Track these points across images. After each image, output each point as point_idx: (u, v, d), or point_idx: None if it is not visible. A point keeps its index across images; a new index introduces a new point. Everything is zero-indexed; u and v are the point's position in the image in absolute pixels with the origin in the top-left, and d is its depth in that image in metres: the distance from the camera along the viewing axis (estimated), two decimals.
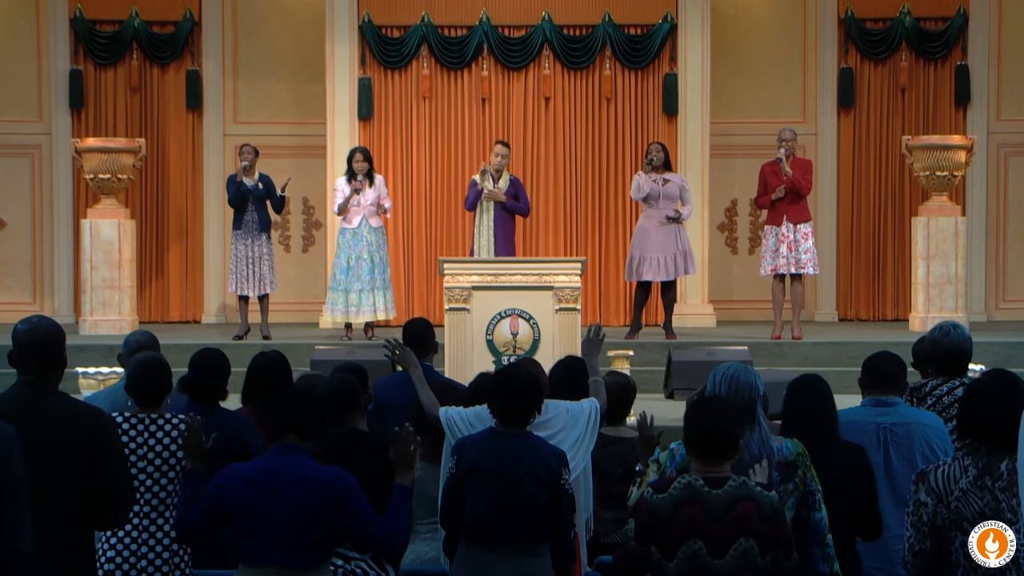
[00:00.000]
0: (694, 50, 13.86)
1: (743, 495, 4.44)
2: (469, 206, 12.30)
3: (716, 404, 4.70)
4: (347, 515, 4.68)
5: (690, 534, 4.41)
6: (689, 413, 4.65)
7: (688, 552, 4.40)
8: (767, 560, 4.42)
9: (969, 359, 6.22)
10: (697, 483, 4.46)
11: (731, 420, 4.58)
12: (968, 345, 6.16)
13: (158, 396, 5.53)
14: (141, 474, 5.36)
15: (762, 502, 4.45)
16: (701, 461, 4.53)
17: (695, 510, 4.42)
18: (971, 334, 6.32)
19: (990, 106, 14.45)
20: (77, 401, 4.84)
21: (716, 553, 4.40)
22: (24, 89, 14.36)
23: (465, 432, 5.63)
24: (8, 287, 14.39)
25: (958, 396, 5.96)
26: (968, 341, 6.17)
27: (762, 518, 4.43)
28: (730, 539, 4.40)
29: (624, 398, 6.68)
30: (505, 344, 9.79)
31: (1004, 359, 11.23)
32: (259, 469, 4.77)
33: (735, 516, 4.41)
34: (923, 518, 4.50)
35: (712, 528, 4.40)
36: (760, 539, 4.41)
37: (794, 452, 4.96)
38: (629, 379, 6.95)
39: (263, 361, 6.42)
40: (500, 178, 12.20)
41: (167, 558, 5.37)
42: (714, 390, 4.98)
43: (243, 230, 12.48)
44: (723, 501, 4.42)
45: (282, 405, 4.84)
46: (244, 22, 14.46)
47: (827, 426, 5.29)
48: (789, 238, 12.17)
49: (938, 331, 6.18)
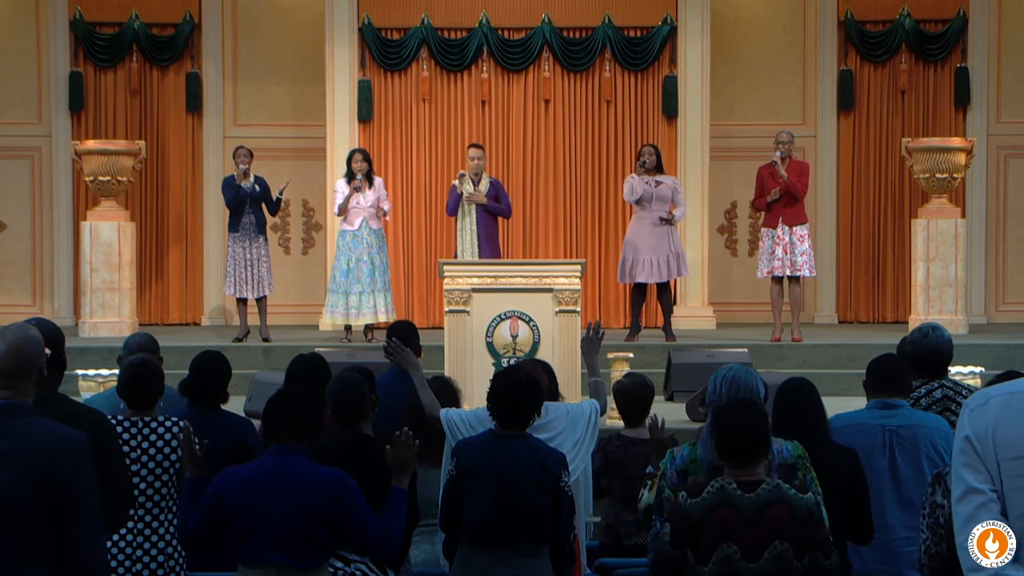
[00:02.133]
0: (694, 52, 13.86)
1: (776, 498, 4.41)
2: (450, 211, 12.28)
3: (745, 406, 4.65)
4: (346, 516, 4.68)
5: (724, 538, 4.38)
6: (718, 416, 4.62)
7: (722, 556, 4.38)
8: (804, 562, 4.39)
9: (949, 361, 6.17)
10: (730, 487, 4.43)
11: (760, 422, 4.54)
12: (948, 347, 6.12)
13: (149, 398, 5.54)
14: (135, 477, 5.36)
15: (796, 504, 4.42)
16: (732, 464, 4.50)
17: (728, 514, 4.39)
18: (952, 336, 6.27)
19: (990, 108, 14.45)
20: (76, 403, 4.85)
21: (750, 557, 4.37)
22: (24, 91, 14.36)
23: (465, 434, 5.63)
24: (8, 289, 14.39)
25: (936, 399, 5.92)
26: (948, 343, 6.13)
27: (795, 521, 4.39)
28: (764, 543, 4.37)
29: (642, 398, 6.66)
30: (505, 346, 9.79)
31: (1004, 361, 11.23)
32: (257, 470, 4.77)
33: (768, 520, 4.38)
34: (939, 520, 4.47)
35: (745, 532, 4.38)
36: (795, 542, 4.38)
37: (794, 454, 4.95)
38: (646, 379, 6.87)
39: (302, 363, 6.39)
40: (480, 181, 12.19)
41: (162, 561, 5.37)
42: (715, 392, 4.97)
43: (240, 232, 12.47)
44: (756, 505, 4.39)
45: (277, 406, 4.82)
46: (244, 24, 14.46)
47: (817, 429, 5.27)
48: (785, 240, 12.17)
49: (917, 333, 6.16)
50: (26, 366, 3.87)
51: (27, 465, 3.74)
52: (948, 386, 6.04)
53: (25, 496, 3.73)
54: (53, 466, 3.76)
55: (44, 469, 3.75)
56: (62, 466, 3.78)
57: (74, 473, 3.79)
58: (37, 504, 3.73)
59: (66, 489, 3.77)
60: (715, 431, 4.57)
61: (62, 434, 3.85)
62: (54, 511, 3.74)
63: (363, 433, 5.49)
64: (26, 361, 3.87)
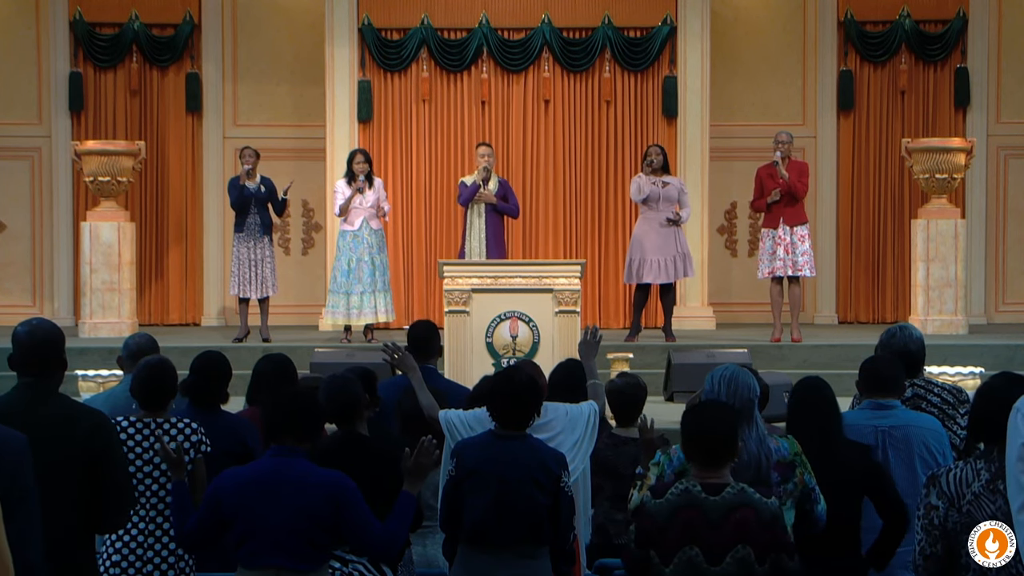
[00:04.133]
0: (694, 53, 13.86)
1: (741, 501, 4.41)
2: (463, 201, 12.23)
3: (714, 408, 4.65)
4: (346, 518, 4.67)
5: (687, 540, 4.39)
6: (686, 417, 4.62)
7: (684, 558, 4.38)
8: (765, 567, 4.40)
9: (921, 361, 6.14)
10: (695, 489, 4.43)
11: (729, 424, 4.54)
12: (917, 346, 6.10)
13: (163, 399, 5.53)
14: (147, 478, 5.36)
15: (760, 508, 4.42)
16: (699, 466, 4.50)
17: (692, 516, 4.40)
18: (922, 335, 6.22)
19: (989, 109, 14.45)
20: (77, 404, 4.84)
21: (713, 560, 4.37)
22: (24, 92, 14.36)
23: (465, 435, 5.62)
24: (8, 290, 14.39)
25: (906, 397, 5.92)
26: (917, 342, 6.11)
27: (760, 524, 4.40)
28: (727, 546, 4.37)
29: (634, 398, 6.69)
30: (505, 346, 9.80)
31: (1004, 361, 11.24)
32: (257, 472, 4.75)
33: (733, 523, 4.38)
34: (934, 521, 4.47)
35: (709, 534, 4.38)
36: (757, 546, 4.38)
37: (791, 452, 4.96)
38: (639, 379, 6.91)
39: (269, 363, 6.41)
40: (489, 180, 12.19)
41: (172, 562, 5.37)
42: (713, 391, 4.97)
43: (245, 233, 12.48)
44: (721, 507, 4.39)
45: (278, 407, 4.81)
46: (244, 25, 14.47)
47: (833, 427, 5.29)
48: (786, 240, 12.17)
49: (886, 334, 6.16)
50: None
51: None
52: (919, 384, 6.06)
53: None
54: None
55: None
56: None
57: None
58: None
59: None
60: (684, 432, 4.56)
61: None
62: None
63: (358, 433, 5.49)
64: None
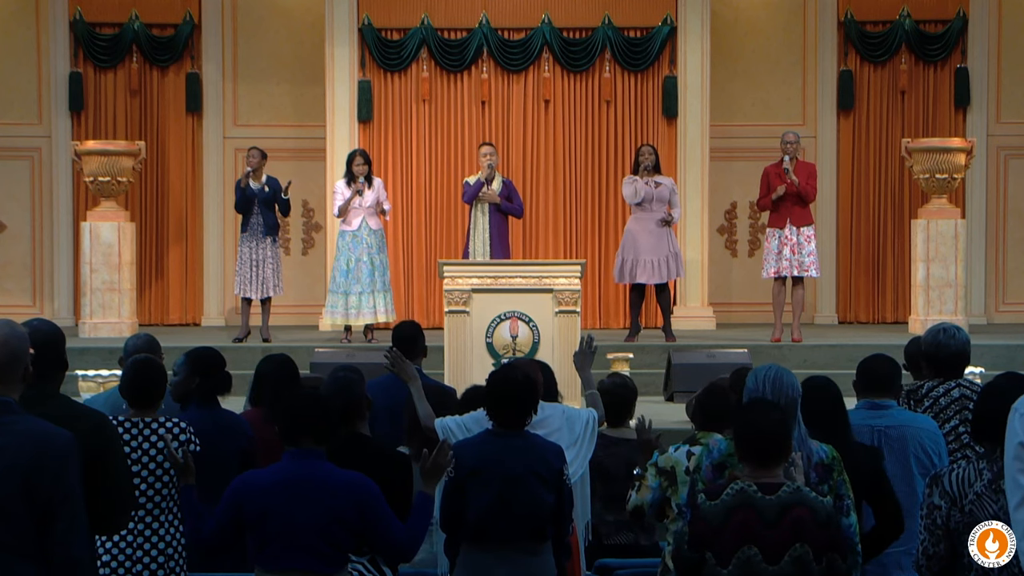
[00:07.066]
0: (694, 53, 13.86)
1: (796, 500, 4.39)
2: (467, 199, 12.22)
3: (765, 406, 4.60)
4: (370, 521, 4.66)
5: (744, 540, 4.36)
6: (738, 417, 4.59)
7: (743, 558, 4.36)
8: (822, 565, 4.38)
9: (968, 362, 6.29)
10: (750, 489, 4.41)
11: (782, 424, 4.50)
12: (969, 348, 6.25)
13: (152, 398, 5.52)
14: (136, 478, 5.36)
15: (816, 508, 4.40)
16: (752, 465, 4.47)
17: (748, 516, 4.37)
18: (970, 336, 6.41)
19: (990, 109, 14.45)
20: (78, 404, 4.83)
21: (771, 559, 4.35)
22: (24, 92, 14.36)
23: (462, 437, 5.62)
24: (8, 290, 14.39)
25: (955, 398, 6.03)
26: (968, 344, 6.25)
27: (817, 524, 4.38)
28: (784, 545, 4.35)
29: (623, 399, 6.68)
30: (505, 347, 9.80)
31: (1004, 362, 11.23)
32: (278, 475, 4.73)
33: (789, 522, 4.36)
34: (936, 521, 4.47)
35: (766, 534, 4.36)
36: (815, 545, 4.37)
37: (830, 456, 4.94)
38: (628, 380, 6.93)
39: (271, 364, 6.40)
40: (493, 179, 12.19)
41: (162, 562, 5.36)
42: (757, 390, 4.91)
43: (248, 233, 12.49)
44: (776, 507, 4.37)
45: (295, 410, 4.77)
46: (244, 25, 14.47)
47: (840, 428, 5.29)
48: (792, 240, 12.15)
49: (942, 334, 6.22)
50: (13, 361, 3.84)
51: (12, 462, 3.74)
52: (965, 385, 6.14)
53: (10, 493, 3.72)
54: (38, 463, 3.75)
55: (29, 466, 3.74)
56: (47, 464, 3.77)
57: (59, 471, 3.78)
58: (22, 501, 3.72)
59: (51, 487, 3.76)
60: (737, 432, 4.54)
61: (47, 432, 3.84)
62: (39, 509, 3.73)
63: (360, 433, 5.49)
64: (13, 356, 3.83)
